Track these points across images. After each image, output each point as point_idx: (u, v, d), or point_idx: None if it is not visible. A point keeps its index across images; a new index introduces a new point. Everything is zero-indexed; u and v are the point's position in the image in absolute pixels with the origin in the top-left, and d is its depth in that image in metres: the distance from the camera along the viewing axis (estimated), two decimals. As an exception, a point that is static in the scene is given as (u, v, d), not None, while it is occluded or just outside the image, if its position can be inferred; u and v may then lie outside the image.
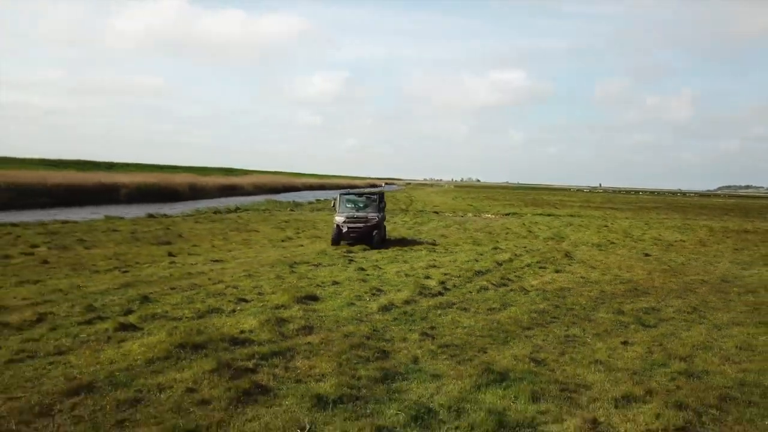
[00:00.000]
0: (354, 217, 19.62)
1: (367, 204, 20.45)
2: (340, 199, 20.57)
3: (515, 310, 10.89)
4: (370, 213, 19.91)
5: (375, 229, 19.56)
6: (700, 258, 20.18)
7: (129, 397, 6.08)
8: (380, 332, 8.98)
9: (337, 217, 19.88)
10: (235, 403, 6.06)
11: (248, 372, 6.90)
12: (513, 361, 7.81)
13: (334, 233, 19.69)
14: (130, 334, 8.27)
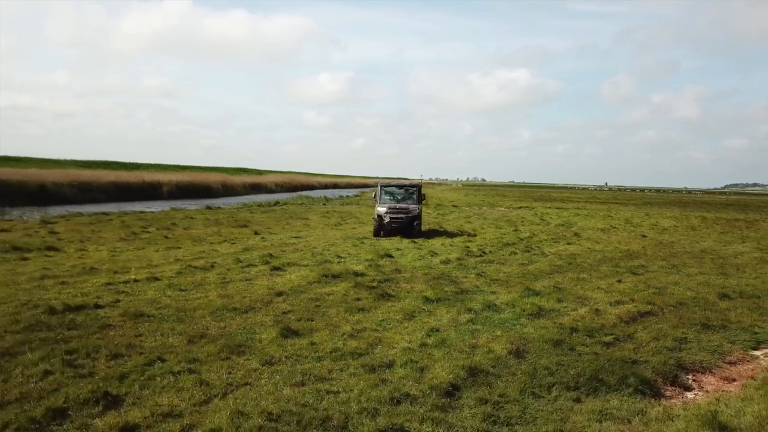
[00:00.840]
0: (395, 209, 19.99)
1: (407, 196, 20.91)
2: (380, 191, 20.92)
3: (539, 264, 14.77)
4: (411, 204, 20.39)
5: (416, 220, 20.13)
6: (688, 238, 23.95)
7: (312, 297, 10.00)
8: (447, 274, 12.88)
9: (379, 207, 20.13)
10: (377, 300, 9.97)
11: (375, 288, 10.82)
12: (543, 287, 11.69)
13: (375, 224, 20.09)
14: (281, 272, 12.22)
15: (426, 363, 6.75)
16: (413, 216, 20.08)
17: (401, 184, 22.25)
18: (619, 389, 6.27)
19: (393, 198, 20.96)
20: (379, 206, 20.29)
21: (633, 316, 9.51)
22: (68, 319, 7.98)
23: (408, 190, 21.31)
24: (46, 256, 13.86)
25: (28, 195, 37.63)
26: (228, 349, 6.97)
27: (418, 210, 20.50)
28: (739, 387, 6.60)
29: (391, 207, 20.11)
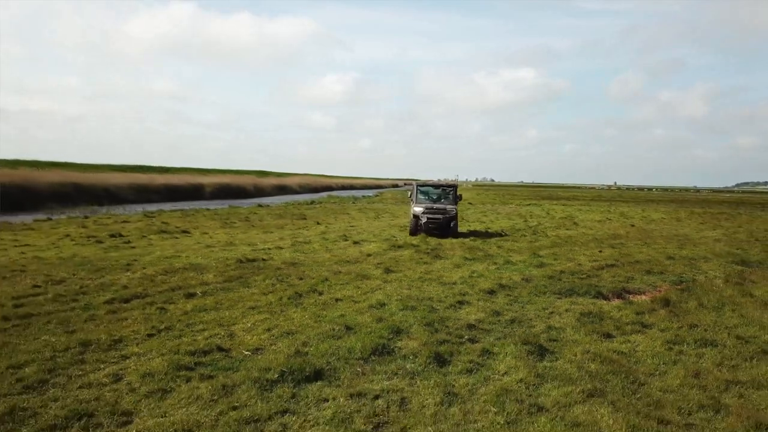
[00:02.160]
0: (432, 209, 19.76)
1: (443, 196, 20.78)
2: (416, 191, 20.83)
3: (543, 242, 19.84)
4: (448, 205, 20.14)
5: (452, 220, 19.92)
6: (670, 227, 28.84)
7: (390, 257, 15.11)
8: (476, 246, 17.95)
9: (415, 207, 19.96)
10: (433, 259, 15.07)
11: (429, 253, 15.95)
12: (544, 253, 16.74)
13: (411, 224, 19.98)
14: (360, 244, 17.39)
15: (474, 282, 11.85)
16: (450, 217, 19.83)
17: (437, 183, 22.20)
18: (584, 295, 11.27)
19: (429, 198, 20.77)
20: (415, 206, 20.06)
21: (602, 266, 14.58)
22: (254, 264, 13.20)
23: (445, 190, 21.12)
24: (187, 236, 19.15)
25: (96, 196, 43.08)
26: (359, 278, 12.12)
27: (455, 211, 20.26)
28: (651, 297, 11.62)
29: (428, 207, 19.84)
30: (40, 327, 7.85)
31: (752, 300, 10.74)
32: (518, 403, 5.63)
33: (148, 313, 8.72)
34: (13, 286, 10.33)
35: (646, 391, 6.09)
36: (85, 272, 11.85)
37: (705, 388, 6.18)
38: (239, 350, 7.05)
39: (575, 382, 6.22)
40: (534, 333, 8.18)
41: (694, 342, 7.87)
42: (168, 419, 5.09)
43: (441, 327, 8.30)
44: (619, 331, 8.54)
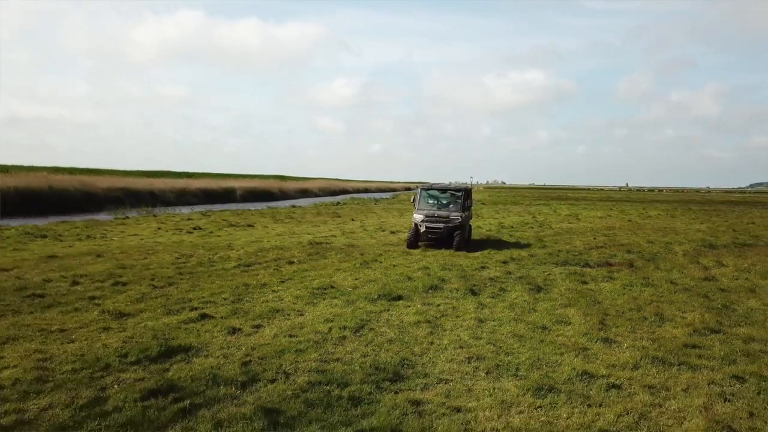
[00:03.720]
0: (434, 216, 17.42)
1: (451, 201, 18.18)
2: (420, 195, 18.47)
3: (547, 232, 23.72)
4: (453, 212, 17.58)
5: (457, 230, 17.24)
6: (663, 221, 32.52)
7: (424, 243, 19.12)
8: (491, 235, 21.88)
9: (416, 214, 17.71)
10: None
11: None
12: (547, 239, 20.62)
13: (410, 234, 17.64)
14: (396, 234, 21.40)
15: (491, 257, 15.78)
16: (453, 226, 17.27)
17: (445, 187, 19.13)
18: (574, 265, 15.13)
19: (435, 203, 18.34)
20: (416, 212, 17.78)
21: (592, 247, 18.47)
22: (322, 246, 17.25)
23: (453, 194, 18.36)
24: (253, 228, 23.28)
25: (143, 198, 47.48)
26: (404, 254, 16.10)
27: (461, 218, 17.47)
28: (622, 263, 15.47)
29: (429, 215, 17.44)
30: (205, 279, 11.92)
31: (697, 265, 14.62)
32: (522, 308, 9.59)
33: (270, 272, 12.77)
34: (162, 258, 14.46)
35: (600, 305, 10.01)
36: (202, 250, 15.98)
37: (637, 303, 10.09)
38: (344, 287, 11.07)
39: (558, 300, 10.17)
40: (535, 281, 12.13)
41: (640, 285, 11.79)
42: (325, 312, 9.09)
43: (471, 278, 12.27)
44: (594, 281, 12.46)
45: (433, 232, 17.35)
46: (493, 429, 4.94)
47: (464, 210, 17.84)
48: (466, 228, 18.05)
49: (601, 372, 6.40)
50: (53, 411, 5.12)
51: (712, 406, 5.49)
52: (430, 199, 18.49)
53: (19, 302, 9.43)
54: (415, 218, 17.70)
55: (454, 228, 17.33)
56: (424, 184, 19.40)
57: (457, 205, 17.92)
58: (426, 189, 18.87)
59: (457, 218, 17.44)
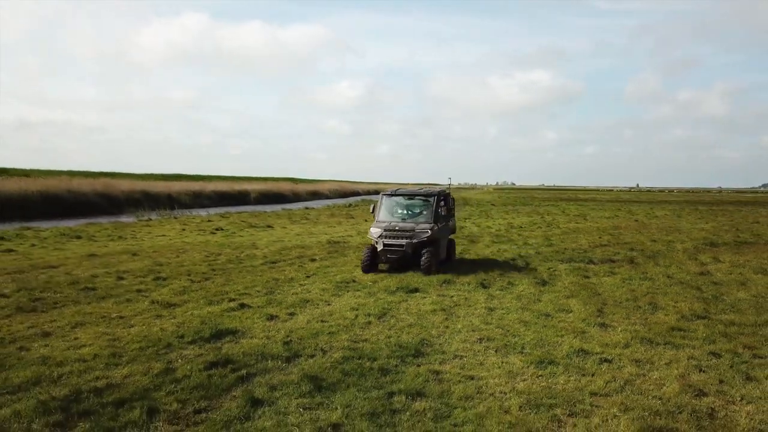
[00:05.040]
0: (395, 230, 13.44)
1: (420, 209, 14.14)
2: (381, 203, 14.51)
3: (555, 231, 24.61)
4: (421, 224, 13.60)
5: (425, 246, 13.23)
6: (669, 221, 33.24)
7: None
8: (500, 235, 22.81)
9: (373, 228, 13.81)
10: (469, 243, 19.99)
11: (468, 238, 20.85)
12: (555, 238, 21.52)
13: (364, 254, 13.47)
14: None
15: (500, 254, 16.72)
16: (420, 242, 13.23)
17: (414, 191, 15.01)
18: (579, 261, 16.03)
19: (402, 212, 14.29)
20: (374, 226, 13.91)
21: (597, 246, 19.35)
22: (340, 245, 18.27)
23: (425, 199, 14.26)
24: (272, 229, 24.37)
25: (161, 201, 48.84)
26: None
27: (432, 231, 13.39)
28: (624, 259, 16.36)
29: (388, 228, 13.52)
30: (236, 274, 12.98)
31: (694, 261, 15.49)
32: (528, 299, 10.55)
33: (295, 268, 13.81)
34: (193, 256, 15.55)
35: (600, 296, 10.93)
36: (229, 249, 17.07)
37: (634, 294, 11.01)
38: (364, 281, 12.07)
39: (561, 292, 11.12)
40: (540, 276, 13.07)
41: (638, 279, 12.70)
42: (350, 302, 10.09)
43: (481, 273, 13.23)
44: (596, 275, 13.37)
45: (393, 251, 13.21)
46: (501, 392, 5.91)
47: (437, 220, 13.74)
48: (440, 244, 13.94)
49: (596, 350, 7.34)
50: (134, 378, 6.16)
51: (689, 375, 6.42)
52: (395, 207, 14.42)
53: (76, 294, 10.53)
54: (372, 233, 13.74)
55: (421, 244, 13.21)
56: (386, 189, 15.17)
57: (428, 215, 13.84)
58: (389, 195, 14.71)
59: (424, 231, 13.29)
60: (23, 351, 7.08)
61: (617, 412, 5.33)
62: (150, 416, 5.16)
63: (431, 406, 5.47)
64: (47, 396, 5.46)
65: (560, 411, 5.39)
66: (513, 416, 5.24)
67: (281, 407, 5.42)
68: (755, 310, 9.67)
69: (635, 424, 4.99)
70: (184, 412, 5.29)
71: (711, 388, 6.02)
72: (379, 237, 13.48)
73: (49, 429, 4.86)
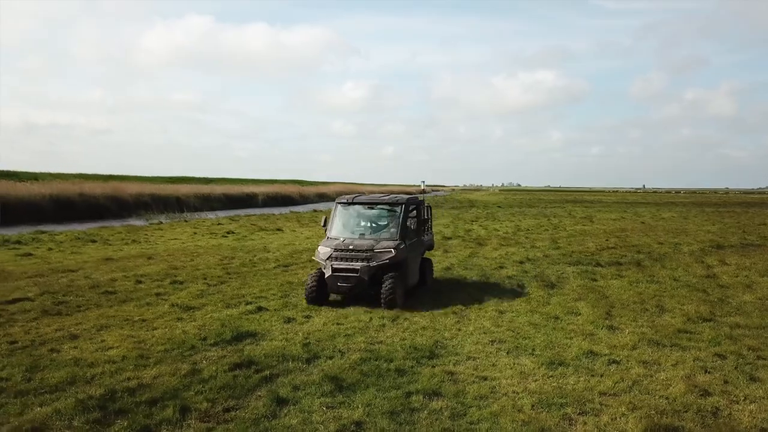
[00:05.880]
0: (349, 250, 10.36)
1: (384, 222, 11.04)
2: (335, 213, 11.42)
3: (561, 234, 24.82)
4: (383, 240, 10.48)
5: (389, 270, 10.27)
6: (676, 223, 33.35)
7: (443, 245, 20.34)
8: (508, 237, 23.06)
9: (322, 247, 10.71)
10: (477, 245, 20.23)
11: (473, 240, 21.11)
12: (561, 240, 21.74)
13: (309, 281, 10.47)
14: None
15: (508, 257, 16.96)
16: (378, 266, 10.20)
17: (377, 199, 11.47)
18: (586, 264, 16.24)
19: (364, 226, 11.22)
20: (323, 245, 10.82)
21: (604, 248, 19.55)
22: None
23: (390, 210, 11.12)
24: (282, 232, 24.68)
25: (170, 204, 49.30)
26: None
27: (397, 250, 10.32)
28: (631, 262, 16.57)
29: (340, 248, 10.46)
30: (251, 277, 13.29)
31: (701, 264, 15.68)
32: (537, 302, 10.79)
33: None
34: (207, 260, 15.88)
35: (608, 299, 11.16)
36: (241, 253, 17.39)
37: (641, 297, 11.24)
38: (377, 285, 12.34)
39: (569, 295, 11.37)
40: (549, 279, 13.32)
41: (645, 281, 12.93)
42: (361, 306, 10.36)
43: (490, 277, 13.50)
44: (603, 278, 13.60)
45: (344, 278, 10.17)
46: (514, 392, 6.17)
47: (405, 236, 10.70)
48: (409, 267, 10.84)
49: (604, 351, 7.59)
50: (163, 378, 6.46)
51: (694, 376, 6.66)
52: (352, 219, 11.32)
53: (97, 298, 10.87)
54: (319, 254, 10.61)
55: (382, 269, 10.20)
56: (341, 196, 11.74)
57: (392, 229, 10.72)
58: (345, 203, 11.41)
59: (386, 251, 10.20)
60: (54, 353, 7.40)
61: (625, 411, 5.58)
62: (182, 414, 5.45)
63: (448, 405, 5.74)
64: (84, 395, 5.76)
65: (571, 410, 5.65)
66: (526, 415, 5.51)
67: (305, 406, 5.71)
68: (760, 313, 9.89)
69: (642, 423, 5.24)
70: (214, 410, 5.59)
71: (716, 389, 6.26)
72: (328, 259, 10.29)
73: (89, 426, 5.17)
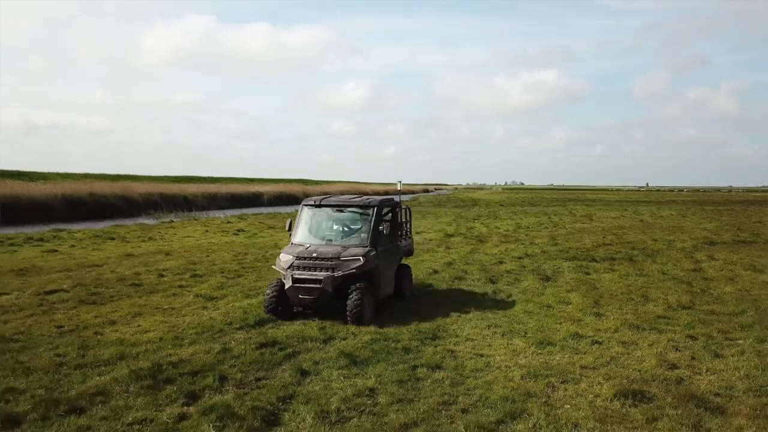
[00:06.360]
0: (312, 258, 9.33)
1: (354, 226, 10.09)
2: (301, 216, 10.38)
3: (560, 231, 25.69)
4: (351, 247, 9.51)
5: (356, 281, 9.18)
6: (674, 221, 34.15)
7: (446, 242, 21.22)
8: (509, 234, 23.92)
9: (284, 254, 9.66)
10: (478, 242, 21.12)
11: (474, 238, 22.00)
12: (560, 238, 22.60)
13: (267, 294, 9.48)
14: (421, 234, 23.56)
15: (508, 253, 17.84)
16: (344, 276, 9.16)
17: (347, 200, 10.42)
18: (582, 260, 17.10)
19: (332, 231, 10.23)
20: (285, 251, 9.77)
21: (600, 245, 20.42)
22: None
23: (362, 213, 10.14)
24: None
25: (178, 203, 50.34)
26: (430, 250, 18.22)
27: (366, 258, 9.30)
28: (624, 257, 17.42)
29: (302, 256, 9.40)
30: (265, 271, 14.20)
31: (690, 259, 16.54)
32: (532, 292, 11.69)
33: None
34: (222, 255, 16.82)
35: (598, 290, 12.04)
36: (254, 249, 18.33)
37: (629, 289, 12.12)
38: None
39: (563, 287, 12.25)
40: (545, 272, 14.20)
41: (635, 275, 13.81)
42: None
43: (490, 271, 14.39)
44: (596, 272, 14.48)
45: (306, 290, 9.19)
46: (506, 366, 7.06)
47: (377, 243, 9.73)
48: (381, 277, 9.79)
49: (589, 334, 8.48)
50: (199, 355, 7.37)
51: (666, 353, 7.55)
52: (319, 223, 10.36)
53: (126, 289, 11.80)
54: (280, 262, 9.62)
55: (349, 279, 9.19)
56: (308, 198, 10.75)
57: (362, 235, 9.80)
58: (312, 205, 10.43)
59: (354, 259, 9.25)
60: (98, 335, 8.33)
61: (601, 380, 6.47)
62: (221, 382, 6.37)
63: (448, 376, 6.64)
64: (135, 367, 6.68)
65: (554, 379, 6.55)
66: (515, 383, 6.41)
67: (325, 376, 6.62)
68: (736, 302, 10.76)
69: (614, 388, 6.12)
70: (247, 379, 6.51)
71: (683, 363, 7.15)
72: (289, 268, 9.32)
73: (144, 390, 6.08)
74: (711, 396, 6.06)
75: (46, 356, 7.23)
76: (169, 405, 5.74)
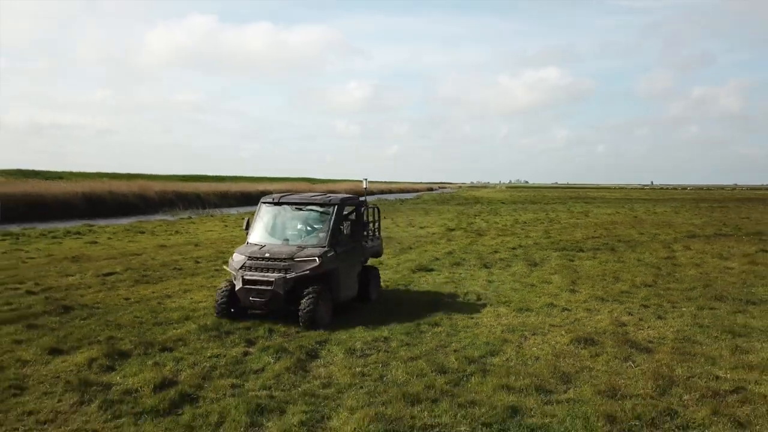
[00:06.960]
0: (265, 258, 8.97)
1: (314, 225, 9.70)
2: (259, 213, 10.10)
3: (555, 227, 27.52)
4: (308, 247, 9.08)
5: (311, 283, 8.79)
6: (666, 217, 35.91)
7: (448, 236, 23.09)
8: (507, 228, 25.76)
9: (236, 254, 9.33)
10: (477, 236, 22.98)
11: (474, 232, 23.86)
12: (553, 232, 24.44)
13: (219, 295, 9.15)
14: (424, 229, 25.45)
15: (503, 245, 19.70)
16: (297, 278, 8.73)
17: (308, 198, 10.01)
18: (570, 251, 18.92)
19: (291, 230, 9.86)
20: (238, 252, 9.41)
21: (589, 238, 22.27)
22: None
23: (322, 211, 9.72)
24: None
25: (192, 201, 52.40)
26: (432, 243, 20.11)
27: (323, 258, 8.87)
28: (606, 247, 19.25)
29: (255, 256, 9.06)
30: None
31: (667, 249, 18.38)
32: (520, 275, 13.57)
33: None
34: (246, 246, 18.74)
35: (577, 273, 13.90)
36: (273, 241, 20.23)
37: (604, 272, 13.97)
38: (390, 264, 15.15)
39: (546, 271, 14.13)
40: (533, 260, 16.07)
41: (614, 261, 15.68)
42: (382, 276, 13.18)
43: (485, 258, 16.27)
44: (580, 259, 16.34)
45: (257, 292, 8.84)
46: (490, 324, 8.94)
47: (336, 243, 9.33)
48: (340, 278, 9.39)
49: (561, 304, 10.35)
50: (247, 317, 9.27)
51: (620, 317, 9.41)
52: (278, 221, 10.04)
53: (171, 273, 13.74)
54: (232, 262, 9.33)
55: (302, 281, 8.79)
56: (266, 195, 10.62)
57: (321, 234, 9.43)
58: (270, 203, 10.14)
59: (309, 260, 8.85)
60: (161, 305, 10.25)
61: (564, 333, 8.34)
62: (270, 333, 8.28)
63: (444, 330, 8.54)
64: (202, 323, 8.60)
65: (527, 332, 8.44)
66: (496, 335, 8.29)
67: (350, 329, 8.52)
68: (693, 281, 12.61)
69: (571, 337, 8.00)
70: (289, 332, 8.41)
71: (630, 323, 9.03)
72: (241, 268, 8.97)
73: (212, 338, 8.00)
74: (645, 342, 7.93)
75: (127, 317, 9.17)
76: (235, 347, 7.65)
